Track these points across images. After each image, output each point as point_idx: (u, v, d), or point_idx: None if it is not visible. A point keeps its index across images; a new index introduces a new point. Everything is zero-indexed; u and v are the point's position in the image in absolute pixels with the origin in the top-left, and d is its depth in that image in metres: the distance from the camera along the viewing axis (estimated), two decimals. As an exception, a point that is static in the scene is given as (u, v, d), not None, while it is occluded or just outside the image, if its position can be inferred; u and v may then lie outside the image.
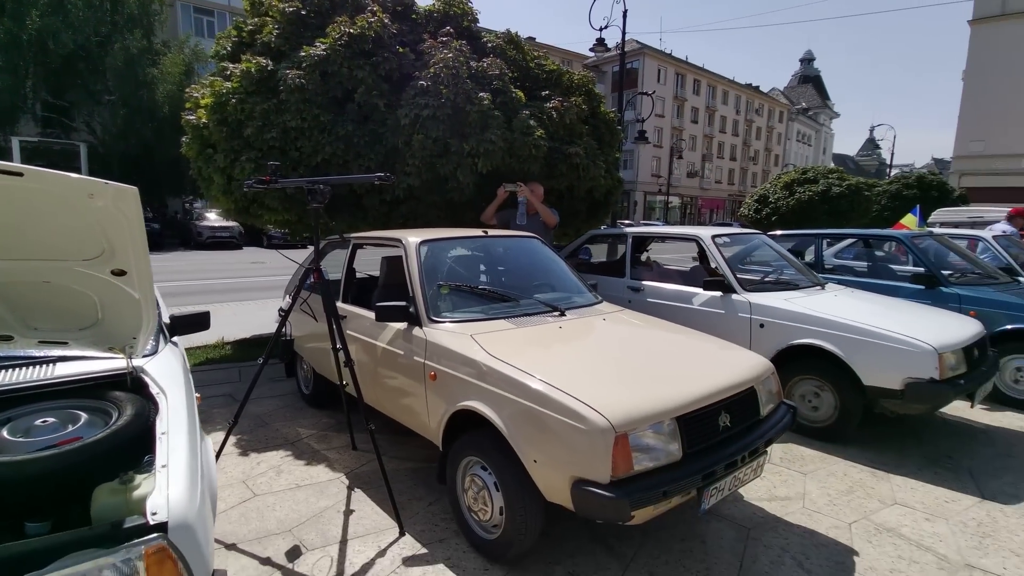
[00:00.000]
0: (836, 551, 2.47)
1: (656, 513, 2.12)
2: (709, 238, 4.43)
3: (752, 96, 60.25)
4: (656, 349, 2.73)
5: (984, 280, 5.00)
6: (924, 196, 20.14)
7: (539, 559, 2.36)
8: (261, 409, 4.18)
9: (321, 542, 2.49)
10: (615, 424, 1.92)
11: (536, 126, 4.93)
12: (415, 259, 3.02)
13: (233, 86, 4.86)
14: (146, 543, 1.29)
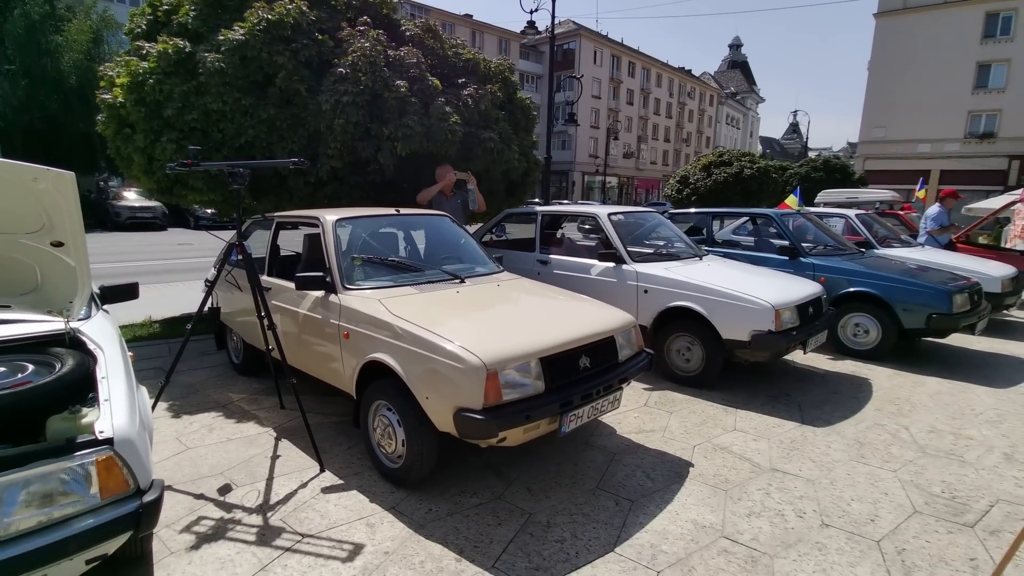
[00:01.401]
0: (678, 465, 3.10)
1: (528, 436, 2.64)
2: (605, 215, 5.00)
3: (684, 80, 62.32)
4: (534, 307, 3.25)
5: (836, 252, 5.88)
6: (829, 178, 21.92)
7: (437, 484, 2.85)
8: (193, 379, 4.43)
9: (250, 480, 2.87)
10: (487, 364, 2.41)
11: (452, 112, 5.31)
12: (331, 235, 3.39)
13: (150, 66, 4.95)
14: (96, 452, 1.66)
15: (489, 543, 2.37)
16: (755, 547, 2.37)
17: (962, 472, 3.05)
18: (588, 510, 2.64)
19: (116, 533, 1.65)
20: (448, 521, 2.53)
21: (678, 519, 2.57)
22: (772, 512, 2.64)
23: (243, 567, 2.20)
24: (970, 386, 4.48)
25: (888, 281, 5.04)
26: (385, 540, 2.39)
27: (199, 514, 2.56)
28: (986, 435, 3.55)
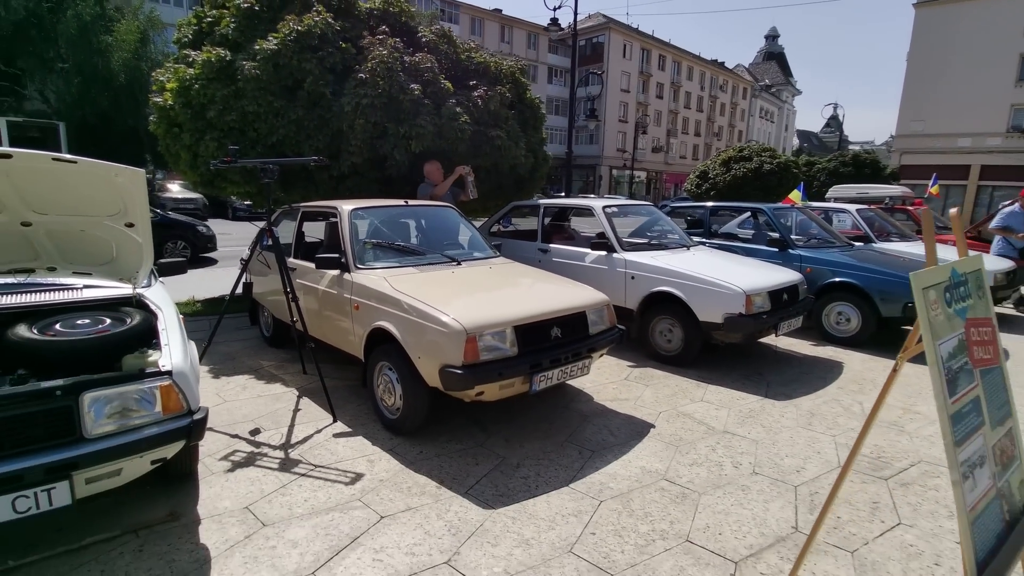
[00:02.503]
0: (641, 426, 3.55)
1: (505, 393, 3.14)
2: (600, 208, 5.43)
3: (717, 72, 61.39)
4: (517, 286, 3.72)
5: (825, 244, 6.16)
6: (858, 173, 21.66)
7: (429, 433, 3.36)
8: (230, 349, 5.06)
9: (275, 426, 3.44)
10: (467, 329, 2.90)
11: (462, 113, 5.80)
12: (347, 222, 3.93)
13: (196, 72, 5.59)
14: (160, 380, 2.22)
15: (466, 477, 2.88)
16: (689, 487, 2.81)
17: (897, 439, 3.41)
18: (554, 457, 3.11)
19: (173, 440, 2.20)
20: (434, 460, 3.05)
21: (629, 465, 3.03)
22: (712, 463, 3.07)
23: (268, 485, 2.76)
24: (937, 370, 4.76)
25: (868, 272, 5.33)
26: (381, 472, 2.91)
27: (234, 448, 3.14)
28: (934, 410, 3.87)
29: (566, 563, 2.21)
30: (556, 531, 2.42)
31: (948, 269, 1.53)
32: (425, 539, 2.35)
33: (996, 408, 1.61)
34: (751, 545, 2.35)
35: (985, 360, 1.60)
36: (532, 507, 2.60)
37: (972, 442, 1.47)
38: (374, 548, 2.28)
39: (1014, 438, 1.67)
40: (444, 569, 2.16)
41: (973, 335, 1.56)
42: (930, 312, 1.41)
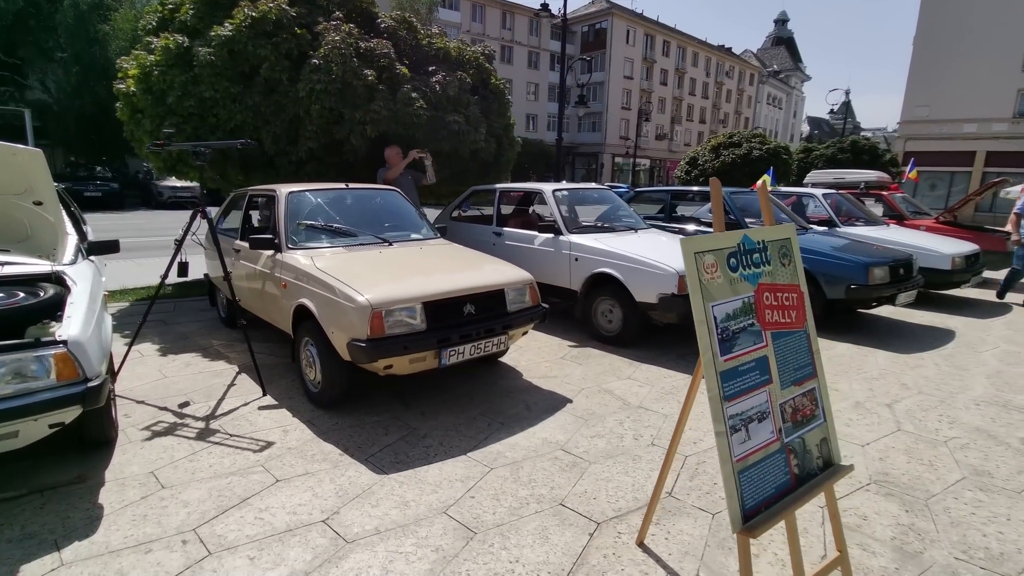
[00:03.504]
0: (559, 401, 3.65)
1: (416, 367, 3.25)
2: (549, 191, 5.50)
3: (723, 58, 60.61)
4: (438, 265, 3.81)
5: (780, 227, 6.18)
6: (856, 159, 21.49)
7: (351, 406, 3.49)
8: (186, 329, 5.22)
9: (205, 399, 3.59)
10: (372, 304, 3.01)
11: (417, 98, 5.87)
12: (283, 204, 4.05)
13: (156, 59, 5.70)
14: (55, 349, 2.35)
15: (371, 446, 3.00)
16: (583, 457, 2.92)
17: (805, 414, 3.49)
18: (463, 428, 3.23)
19: (66, 405, 2.33)
20: (347, 431, 3.18)
21: (532, 437, 3.14)
22: (614, 435, 3.17)
23: (179, 452, 2.90)
24: (874, 351, 4.82)
25: (814, 254, 5.37)
26: (292, 441, 3.05)
27: (158, 419, 3.29)
28: (853, 388, 3.94)
29: (436, 522, 2.33)
30: (437, 495, 2.54)
31: (738, 236, 1.61)
32: (311, 500, 2.48)
33: (792, 369, 1.70)
34: (620, 508, 2.45)
35: (781, 324, 1.68)
36: (423, 473, 2.72)
37: (750, 398, 1.55)
38: (260, 508, 2.42)
39: (816, 399, 1.76)
40: (319, 527, 2.29)
41: (766, 299, 1.64)
42: (702, 275, 1.49)
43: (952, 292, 7.16)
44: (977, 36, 28.45)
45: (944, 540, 2.25)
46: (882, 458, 2.93)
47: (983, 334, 5.50)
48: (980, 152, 30.13)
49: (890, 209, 8.83)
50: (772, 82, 71.85)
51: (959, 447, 3.07)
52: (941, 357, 4.71)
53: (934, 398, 3.78)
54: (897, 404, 3.66)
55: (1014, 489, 2.64)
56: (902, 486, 2.66)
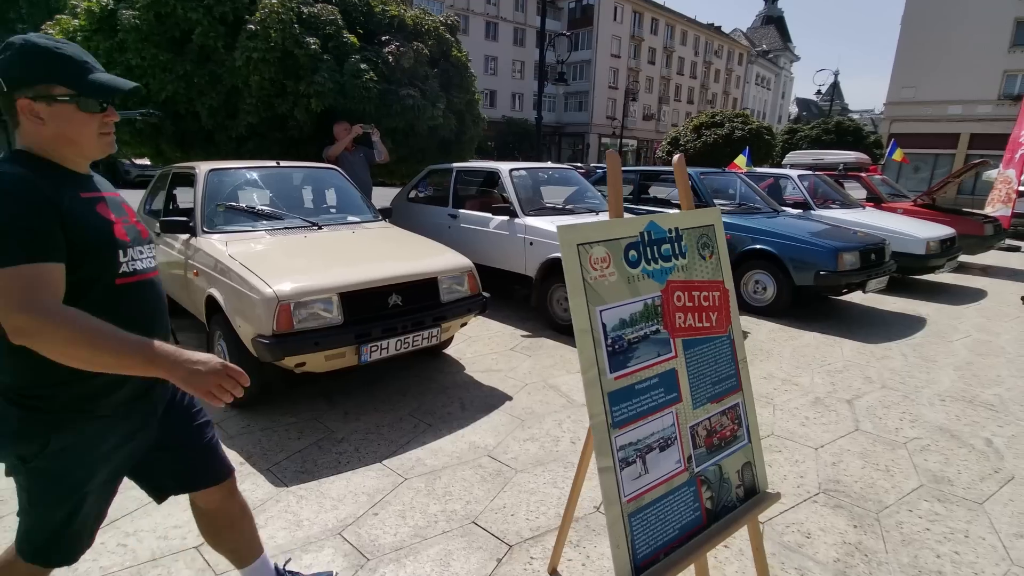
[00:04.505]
0: (497, 399, 3.37)
1: (334, 364, 2.94)
2: (506, 171, 5.16)
3: (712, 37, 59.80)
4: (367, 250, 3.49)
5: (751, 211, 5.92)
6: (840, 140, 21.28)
7: (270, 405, 3.18)
8: (113, 318, 4.85)
9: (108, 398, 3.26)
10: (279, 296, 2.69)
11: (367, 69, 5.47)
12: (202, 183, 3.68)
13: (80, 23, 5.23)
14: None
15: (278, 452, 2.71)
16: (509, 464, 2.65)
17: (759, 411, 3.24)
18: (386, 431, 2.94)
19: None
20: (257, 435, 2.87)
21: (459, 441, 2.86)
22: (549, 438, 2.91)
23: (58, 462, 2.58)
24: (841, 340, 4.60)
25: (783, 239, 5.11)
26: (192, 447, 2.74)
27: (48, 422, 2.96)
28: (815, 382, 3.71)
29: (326, 546, 2.05)
30: (337, 512, 2.26)
31: (641, 223, 1.32)
32: (189, 521, 2.15)
33: (710, 384, 1.42)
34: (538, 527, 2.19)
35: (697, 329, 1.40)
36: (327, 486, 2.44)
37: (649, 422, 1.27)
38: (127, 532, 2.12)
39: (739, 416, 1.48)
40: (189, 555, 2.00)
41: (678, 300, 1.36)
42: (587, 272, 1.20)
43: (927, 277, 6.97)
44: (964, 17, 28.18)
45: (893, 562, 2.02)
46: (835, 463, 2.70)
47: (955, 322, 5.31)
48: (964, 134, 30.10)
49: (869, 191, 8.60)
50: (761, 62, 71.22)
51: (919, 449, 2.85)
52: (910, 347, 4.49)
53: (898, 393, 3.56)
54: (858, 400, 3.44)
55: (974, 499, 2.42)
56: (853, 496, 2.42)
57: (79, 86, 1.09)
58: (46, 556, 1.25)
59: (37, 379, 1.12)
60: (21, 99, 1.07)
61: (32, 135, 1.11)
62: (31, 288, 0.99)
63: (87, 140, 1.13)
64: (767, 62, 73.35)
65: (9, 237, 0.99)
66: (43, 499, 1.20)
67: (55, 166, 1.13)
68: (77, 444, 1.18)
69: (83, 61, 1.11)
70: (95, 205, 1.16)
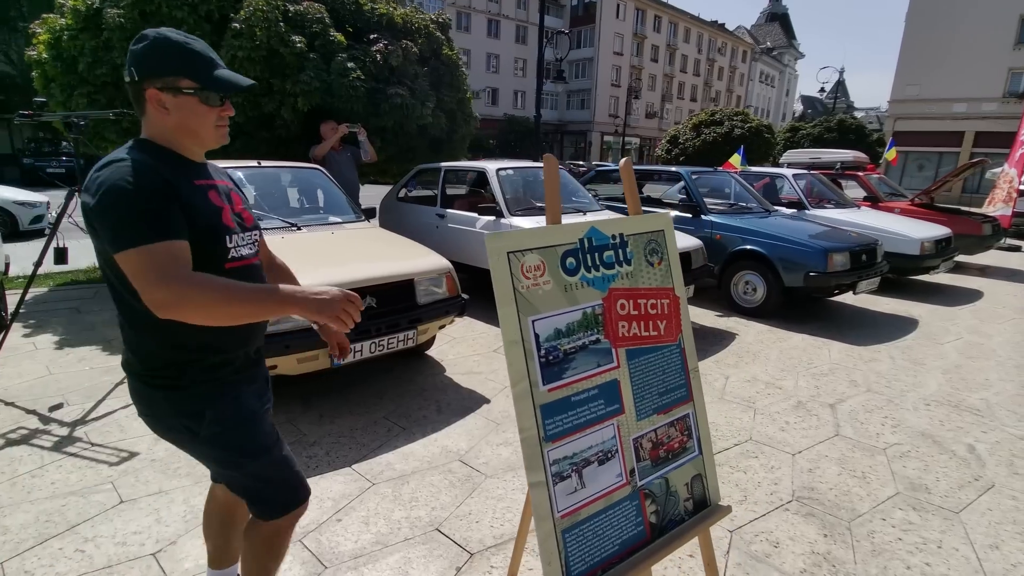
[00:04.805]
0: (475, 402, 3.34)
1: (306, 367, 2.91)
2: (493, 171, 5.12)
3: (716, 34, 59.52)
4: (344, 251, 3.45)
5: (743, 210, 5.86)
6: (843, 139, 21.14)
7: (244, 407, 3.16)
8: (98, 319, 4.83)
9: (83, 401, 3.24)
10: (248, 298, 2.66)
11: (354, 68, 5.43)
12: (180, 184, 3.65)
13: (67, 22, 5.20)
14: None
15: (247, 456, 2.68)
16: (480, 469, 2.62)
17: (739, 415, 3.21)
18: (359, 434, 2.92)
19: None
20: (228, 438, 2.85)
21: (432, 445, 2.83)
22: (524, 442, 2.87)
23: (25, 464, 2.56)
24: (830, 343, 4.55)
25: (773, 239, 5.06)
26: (160, 451, 2.72)
27: (21, 424, 2.94)
28: (799, 386, 3.66)
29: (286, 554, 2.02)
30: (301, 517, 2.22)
31: (580, 229, 1.28)
32: (150, 527, 2.16)
33: (656, 394, 1.38)
34: (502, 535, 2.16)
35: (643, 338, 1.36)
36: (293, 490, 2.40)
37: (586, 435, 1.23)
38: (86, 537, 2.10)
39: (689, 428, 1.44)
40: (145, 562, 1.98)
41: (621, 309, 1.32)
42: (518, 281, 1.16)
43: (922, 278, 6.90)
44: (969, 14, 27.93)
45: (861, 574, 1.98)
46: (812, 469, 2.66)
47: (948, 323, 5.25)
48: (969, 132, 29.87)
49: (866, 190, 8.51)
50: (765, 59, 70.84)
51: (898, 455, 2.80)
52: (899, 350, 4.44)
53: (882, 397, 3.51)
54: (841, 404, 3.39)
55: (951, 508, 2.37)
56: (827, 504, 2.38)
57: (204, 80, 1.15)
58: (286, 497, 1.36)
59: (166, 361, 1.23)
60: (150, 89, 1.14)
61: (156, 124, 1.18)
62: (165, 263, 1.05)
63: (205, 131, 1.20)
64: (771, 59, 72.96)
65: (139, 220, 1.05)
66: (249, 450, 1.30)
67: (175, 154, 1.20)
68: (228, 406, 1.28)
69: (210, 58, 1.18)
70: (207, 192, 1.23)
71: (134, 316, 1.19)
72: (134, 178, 1.08)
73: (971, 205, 14.58)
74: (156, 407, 1.28)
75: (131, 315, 1.20)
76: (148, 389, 1.26)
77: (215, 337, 1.24)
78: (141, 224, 1.05)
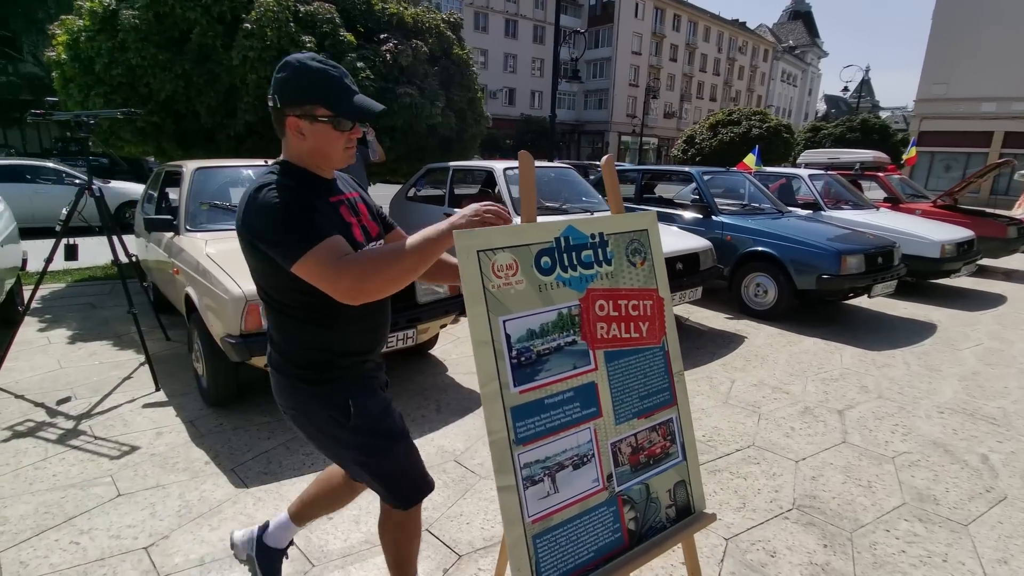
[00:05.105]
0: (475, 401, 3.32)
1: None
2: (500, 170, 5.10)
3: (736, 33, 58.75)
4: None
5: (755, 211, 5.76)
6: (866, 139, 20.71)
7: (248, 404, 3.18)
8: (111, 314, 4.93)
9: (90, 394, 3.30)
10: (247, 296, 2.68)
11: (363, 68, 5.45)
12: (188, 181, 3.70)
13: (85, 24, 5.32)
14: None
15: (245, 452, 2.70)
16: (474, 470, 2.60)
17: (742, 420, 3.14)
18: (356, 433, 2.91)
19: None
20: (228, 434, 2.87)
21: (429, 444, 2.82)
22: (521, 443, 2.84)
23: (29, 456, 2.61)
24: (842, 347, 4.44)
25: (784, 241, 4.95)
26: (161, 445, 2.75)
27: (28, 417, 3.00)
28: (808, 391, 3.58)
29: (273, 551, 2.03)
30: (291, 515, 2.23)
31: (557, 227, 1.25)
32: (144, 521, 2.18)
33: (637, 398, 1.34)
34: (492, 536, 2.13)
35: (623, 340, 1.32)
36: (287, 488, 2.41)
37: (560, 438, 1.20)
38: (82, 529, 2.12)
39: (672, 433, 1.40)
40: (137, 556, 1.99)
41: (600, 310, 1.28)
42: (488, 280, 1.13)
43: (942, 281, 6.70)
44: (998, 10, 27.13)
45: (859, 586, 1.92)
46: (815, 477, 2.58)
47: (968, 329, 5.09)
48: (998, 132, 29.01)
49: (887, 191, 8.31)
50: (787, 58, 69.74)
51: (907, 465, 2.71)
52: (914, 355, 4.31)
53: (894, 404, 3.41)
54: (850, 411, 3.30)
55: (959, 520, 2.29)
56: (828, 513, 2.31)
57: (338, 109, 1.22)
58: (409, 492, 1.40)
59: (311, 361, 1.33)
60: (290, 116, 1.22)
61: (294, 148, 1.27)
62: (333, 257, 1.12)
63: (335, 153, 1.27)
64: (793, 58, 71.81)
65: (299, 231, 1.14)
66: (379, 448, 1.37)
67: (310, 174, 1.29)
68: (369, 398, 1.37)
69: (345, 86, 1.24)
70: (339, 208, 1.31)
71: (283, 323, 1.32)
72: (284, 198, 1.17)
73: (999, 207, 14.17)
74: (304, 402, 1.36)
75: (281, 322, 1.33)
76: (296, 386, 1.35)
77: (353, 340, 1.35)
78: (302, 233, 1.14)
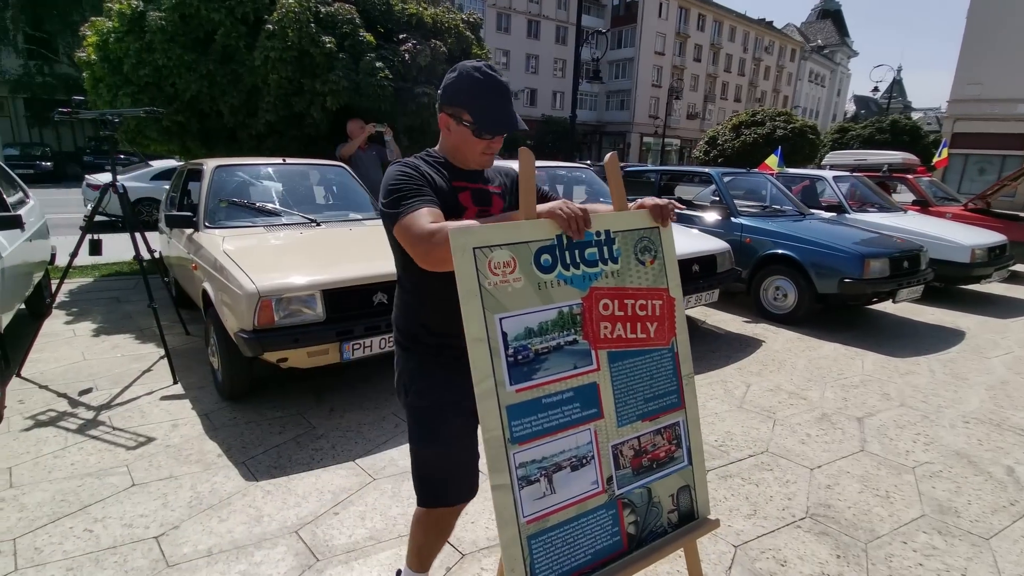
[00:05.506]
0: (486, 401, 3.31)
1: (316, 360, 2.94)
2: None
3: (762, 33, 57.81)
4: (360, 248, 3.47)
5: (775, 213, 5.65)
6: (895, 140, 20.20)
7: (261, 398, 3.23)
8: (134, 309, 5.04)
9: (110, 386, 3.38)
10: (261, 292, 2.72)
11: (382, 68, 5.49)
12: (208, 179, 3.77)
13: (114, 25, 5.46)
14: None
15: (257, 446, 2.74)
16: (483, 470, 2.56)
17: (757, 425, 3.08)
18: (366, 430, 2.93)
19: None
20: (241, 427, 2.91)
21: (437, 442, 2.82)
22: (530, 444, 2.82)
23: (49, 445, 2.68)
24: (864, 353, 4.32)
25: (805, 244, 4.85)
26: (176, 437, 2.80)
27: (51, 407, 3.09)
28: (826, 397, 3.49)
29: (280, 544, 2.05)
30: (299, 509, 2.25)
31: (558, 225, 1.23)
32: (156, 511, 2.22)
33: (642, 400, 1.31)
34: (495, 537, 2.12)
35: (628, 341, 1.30)
36: (295, 482, 2.44)
37: (559, 439, 1.19)
38: (96, 517, 2.17)
39: (678, 437, 1.37)
40: (147, 545, 2.03)
41: (604, 309, 1.26)
42: (484, 277, 1.12)
43: (973, 287, 6.49)
44: (1038, 6, 26.20)
45: (873, 599, 1.86)
46: (830, 485, 2.52)
47: (998, 336, 4.91)
48: (1034, 134, 28.01)
49: (916, 194, 8.08)
50: (815, 58, 68.37)
51: (928, 475, 2.63)
52: (940, 363, 4.18)
53: (917, 412, 3.31)
54: (870, 418, 3.21)
55: (980, 534, 2.20)
56: (843, 523, 2.24)
57: (478, 120, 1.33)
58: (423, 495, 1.46)
59: (408, 324, 1.43)
60: (443, 112, 1.39)
61: (442, 139, 1.44)
62: (416, 224, 1.21)
63: (472, 155, 1.40)
64: (822, 58, 70.38)
65: (398, 199, 1.27)
66: (414, 437, 1.43)
67: (447, 161, 1.42)
68: (432, 387, 1.40)
69: (495, 101, 1.34)
70: (459, 193, 1.39)
71: (399, 298, 1.47)
72: (398, 171, 1.32)
73: None
74: (399, 365, 1.47)
75: (399, 298, 1.47)
76: (397, 353, 1.48)
77: (434, 318, 1.38)
78: (398, 201, 1.26)
